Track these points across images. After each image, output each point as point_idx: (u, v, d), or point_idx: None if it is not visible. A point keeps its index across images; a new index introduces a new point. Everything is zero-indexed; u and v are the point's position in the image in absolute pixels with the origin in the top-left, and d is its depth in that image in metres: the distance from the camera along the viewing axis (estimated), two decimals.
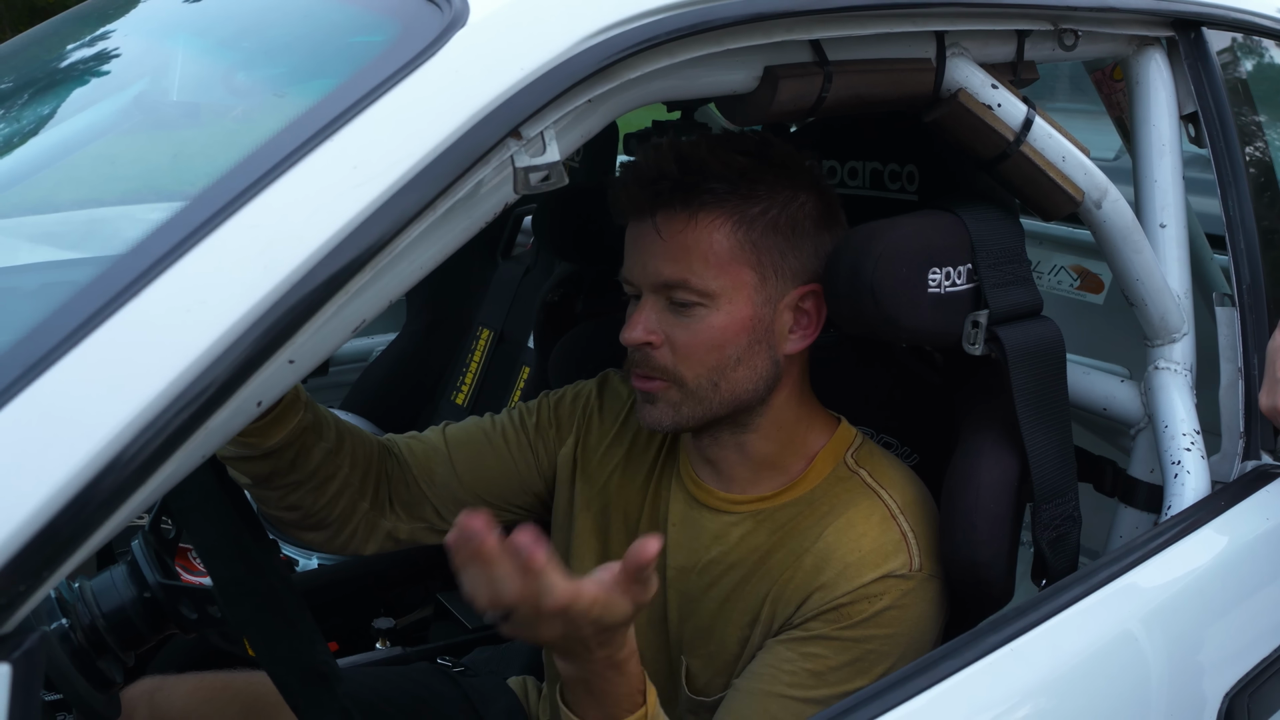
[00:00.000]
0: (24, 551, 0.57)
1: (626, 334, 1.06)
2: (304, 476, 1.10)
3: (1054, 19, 1.12)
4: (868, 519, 1.06)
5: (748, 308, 1.05)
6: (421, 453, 1.22)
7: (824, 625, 1.02)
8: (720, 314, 1.04)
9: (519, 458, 1.24)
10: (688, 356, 1.05)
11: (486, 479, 1.23)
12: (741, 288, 1.04)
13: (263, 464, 1.06)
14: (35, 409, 0.59)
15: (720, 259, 1.03)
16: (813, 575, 1.05)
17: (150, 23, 1.28)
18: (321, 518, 1.14)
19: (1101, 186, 1.13)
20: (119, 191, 1.09)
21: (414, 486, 1.20)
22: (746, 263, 1.04)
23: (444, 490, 1.21)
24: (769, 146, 1.09)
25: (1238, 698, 1.07)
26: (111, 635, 1.11)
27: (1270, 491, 1.19)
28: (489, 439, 1.24)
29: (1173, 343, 1.24)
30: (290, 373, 0.69)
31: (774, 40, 0.91)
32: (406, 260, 0.73)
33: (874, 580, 1.02)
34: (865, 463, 1.12)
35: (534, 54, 0.76)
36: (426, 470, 1.21)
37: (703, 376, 1.06)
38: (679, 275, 1.03)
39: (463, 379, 2.50)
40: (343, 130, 0.70)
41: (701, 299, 1.04)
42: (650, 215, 1.05)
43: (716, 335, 1.04)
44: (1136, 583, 1.04)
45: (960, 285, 1.06)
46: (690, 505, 1.17)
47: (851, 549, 1.04)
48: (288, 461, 1.07)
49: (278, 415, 1.05)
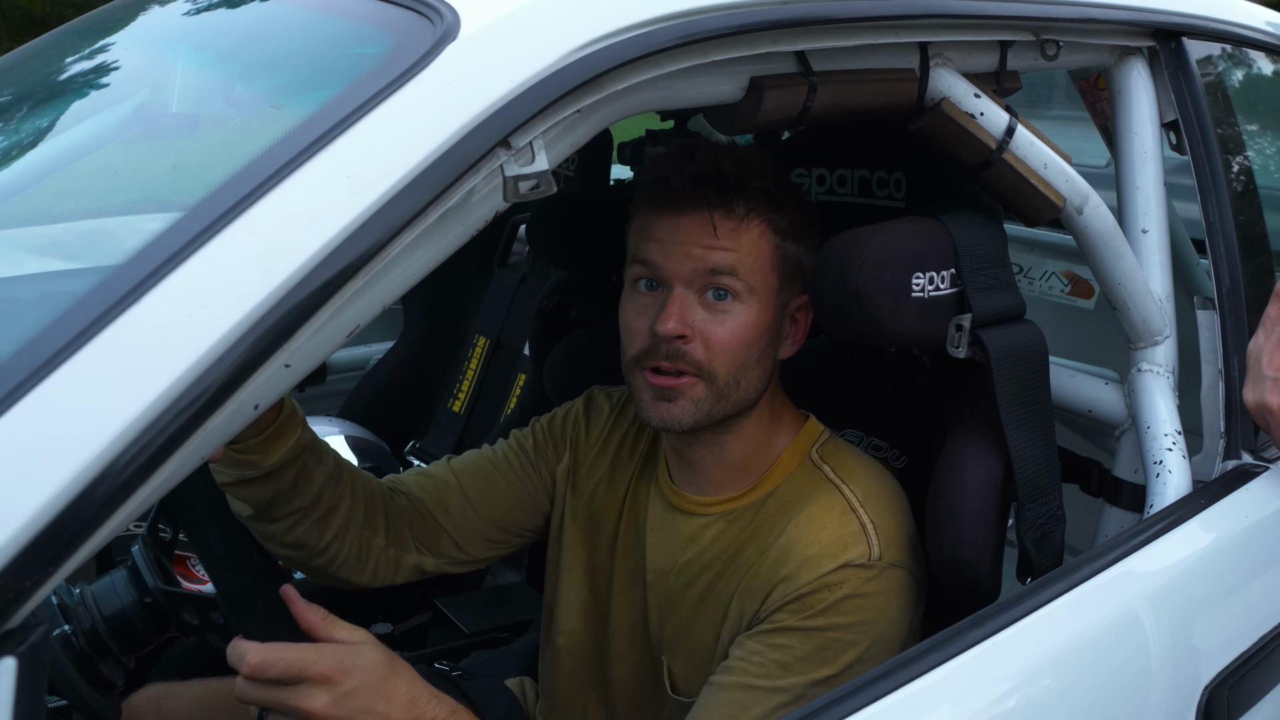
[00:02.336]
0: (30, 548, 0.58)
1: (662, 324, 1.05)
2: (307, 503, 1.10)
3: (1036, 30, 1.14)
4: (827, 512, 1.08)
5: (770, 311, 1.10)
6: (432, 488, 1.24)
7: (788, 616, 1.05)
8: (753, 311, 1.08)
9: (525, 480, 1.28)
10: (722, 351, 1.07)
11: (500, 505, 1.26)
12: (769, 291, 1.09)
13: (264, 486, 1.07)
14: (41, 410, 0.61)
15: (761, 260, 1.08)
16: (775, 569, 1.07)
17: (149, 36, 1.30)
18: (331, 555, 1.15)
19: (1083, 193, 1.15)
20: (120, 201, 1.11)
21: (430, 522, 1.23)
22: (775, 268, 1.09)
23: (461, 521, 1.24)
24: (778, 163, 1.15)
25: (1218, 691, 1.08)
26: (113, 639, 1.13)
27: (1250, 490, 1.21)
28: (495, 467, 1.28)
29: (1155, 345, 1.26)
30: (287, 376, 0.71)
31: (759, 51, 0.93)
32: (400, 266, 0.75)
33: (833, 570, 1.04)
34: (830, 458, 1.15)
35: (523, 66, 0.78)
36: (441, 504, 1.24)
37: (731, 374, 1.08)
38: (731, 263, 1.06)
39: (459, 386, 2.51)
40: (338, 140, 0.72)
41: (743, 292, 1.06)
42: (705, 208, 1.06)
43: (748, 332, 1.07)
44: (1117, 579, 1.05)
45: (944, 290, 1.08)
46: (667, 510, 1.20)
47: (811, 541, 1.06)
48: (289, 483, 1.08)
49: (277, 430, 1.06)
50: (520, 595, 2.18)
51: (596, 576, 1.26)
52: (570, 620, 1.27)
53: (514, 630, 1.93)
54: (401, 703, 0.89)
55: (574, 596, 1.27)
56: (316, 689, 0.85)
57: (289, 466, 1.08)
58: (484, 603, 2.14)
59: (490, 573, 2.31)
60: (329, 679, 0.86)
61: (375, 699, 0.87)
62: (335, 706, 0.86)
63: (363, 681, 0.87)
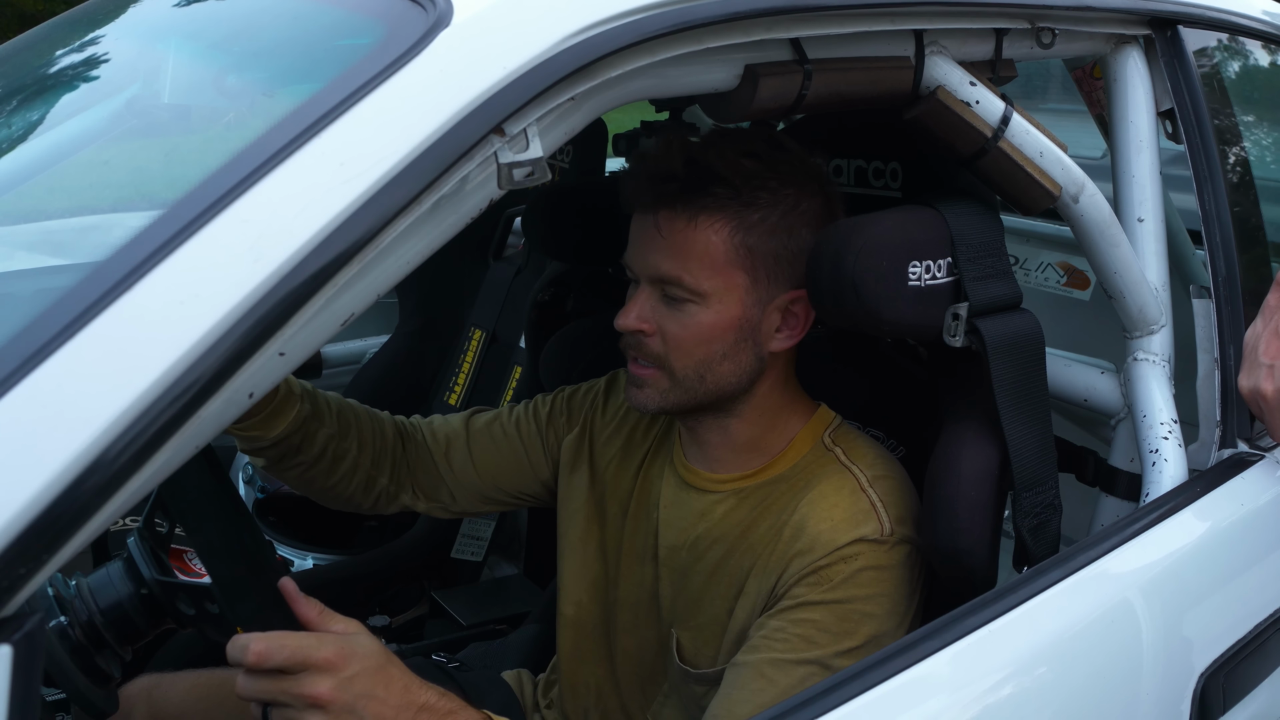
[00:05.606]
0: (24, 535, 0.58)
1: (621, 319, 1.11)
2: (311, 458, 1.22)
3: (1031, 17, 1.14)
4: (839, 491, 1.11)
5: (737, 308, 1.09)
6: (444, 438, 1.33)
7: (808, 590, 1.07)
8: (710, 312, 1.08)
9: (530, 446, 1.34)
10: (677, 348, 1.10)
11: (502, 469, 1.34)
12: (734, 289, 1.08)
13: (271, 450, 1.19)
14: (35, 398, 0.61)
15: (715, 261, 1.07)
16: (790, 544, 1.09)
17: (141, 27, 1.29)
18: (339, 491, 1.27)
19: (1078, 181, 1.15)
20: (113, 192, 1.10)
21: (432, 472, 1.32)
22: (740, 266, 1.08)
23: (461, 477, 1.33)
24: (779, 149, 1.12)
25: (1213, 679, 1.09)
26: (109, 631, 1.12)
27: (1246, 478, 1.21)
28: (504, 430, 1.34)
29: (1151, 335, 1.26)
30: (281, 365, 0.70)
31: (754, 39, 0.93)
32: (394, 254, 0.75)
33: (848, 544, 1.06)
34: (841, 441, 1.17)
35: (516, 53, 0.77)
36: (445, 457, 1.32)
37: (690, 368, 1.11)
38: (674, 273, 1.08)
39: (455, 380, 2.51)
40: (330, 128, 0.72)
41: (694, 297, 1.08)
42: (654, 212, 1.09)
43: (705, 331, 1.09)
44: (1112, 568, 1.06)
45: (940, 279, 1.08)
46: (680, 488, 1.23)
47: (824, 518, 1.09)
48: (294, 446, 1.20)
49: (276, 409, 1.15)
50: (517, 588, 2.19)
51: (606, 551, 1.30)
52: (579, 592, 1.31)
53: (511, 623, 1.94)
54: (398, 689, 0.91)
55: (584, 569, 1.31)
56: (320, 675, 0.87)
57: (292, 435, 1.18)
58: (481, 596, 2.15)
59: (487, 566, 2.31)
60: (332, 665, 0.87)
61: (375, 684, 0.89)
62: (339, 691, 0.87)
63: (363, 667, 0.89)
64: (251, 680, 0.88)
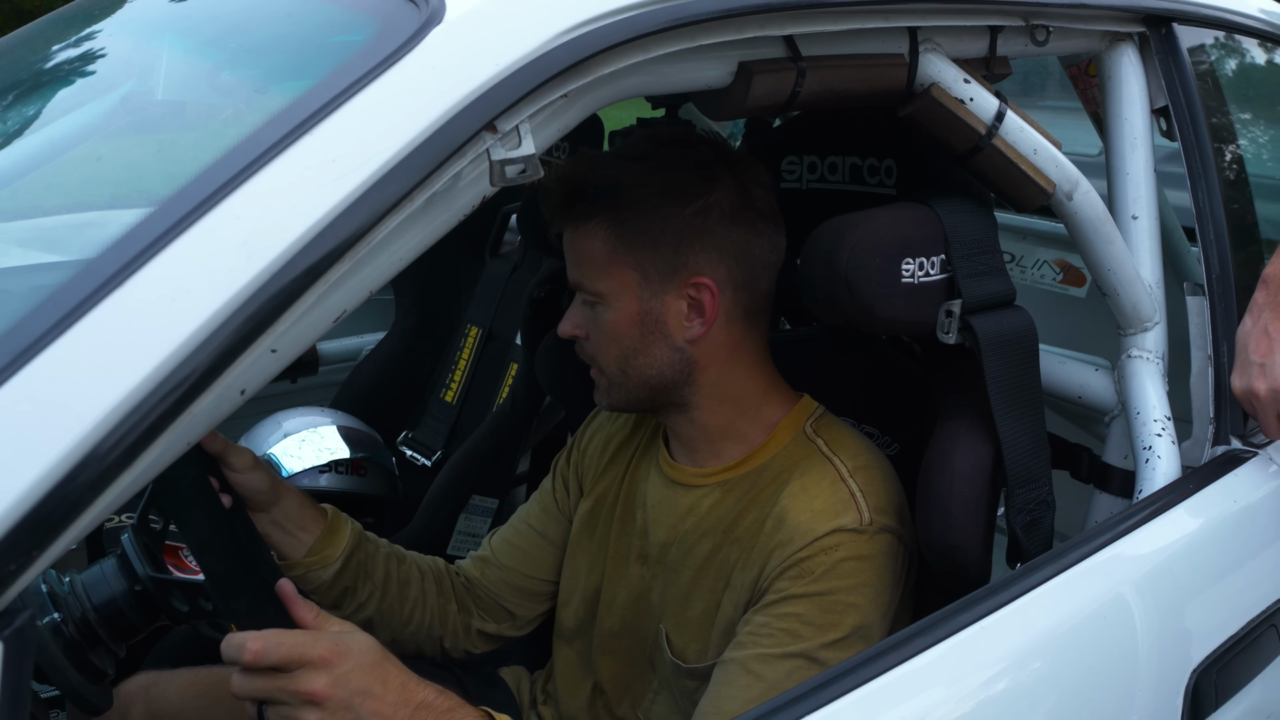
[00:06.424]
0: (14, 532, 0.58)
1: (559, 328, 1.20)
2: (378, 583, 1.27)
3: (1026, 15, 1.14)
4: (819, 482, 1.12)
5: (634, 304, 1.13)
6: (478, 561, 1.38)
7: (790, 583, 1.07)
8: (611, 310, 1.13)
9: (559, 532, 1.37)
10: (599, 348, 1.16)
11: (541, 564, 1.37)
12: (627, 286, 1.12)
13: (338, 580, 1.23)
14: (25, 393, 0.61)
15: (600, 262, 1.12)
16: (771, 535, 1.11)
17: (135, 23, 1.29)
18: (416, 623, 1.31)
19: (1072, 179, 1.15)
20: (106, 188, 1.10)
21: (485, 594, 1.37)
22: (625, 264, 1.12)
23: (507, 591, 1.37)
24: (672, 145, 1.16)
25: (1205, 674, 1.09)
26: (103, 627, 1.13)
27: (1238, 475, 1.22)
28: (525, 534, 1.38)
29: (1145, 331, 1.26)
30: (273, 361, 0.70)
31: (747, 36, 0.93)
32: (386, 251, 0.75)
33: (827, 534, 1.07)
34: (823, 432, 1.18)
35: (508, 50, 0.77)
36: (487, 578, 1.37)
37: (612, 365, 1.16)
38: (577, 279, 1.16)
39: (451, 376, 2.51)
40: (322, 124, 0.72)
41: (598, 298, 1.14)
42: (559, 229, 1.18)
43: (612, 329, 1.14)
44: (1106, 564, 1.06)
45: (934, 275, 1.08)
46: (666, 485, 1.24)
47: (804, 509, 1.10)
48: (361, 565, 1.25)
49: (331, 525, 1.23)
50: None
51: (597, 557, 1.31)
52: (572, 599, 1.33)
53: None
54: (394, 686, 0.91)
55: (575, 578, 1.33)
56: (316, 672, 0.87)
57: (356, 551, 1.23)
58: None
59: None
60: (327, 661, 0.87)
61: (371, 681, 0.89)
62: (335, 687, 0.87)
63: (359, 664, 0.89)
64: (247, 679, 0.88)
